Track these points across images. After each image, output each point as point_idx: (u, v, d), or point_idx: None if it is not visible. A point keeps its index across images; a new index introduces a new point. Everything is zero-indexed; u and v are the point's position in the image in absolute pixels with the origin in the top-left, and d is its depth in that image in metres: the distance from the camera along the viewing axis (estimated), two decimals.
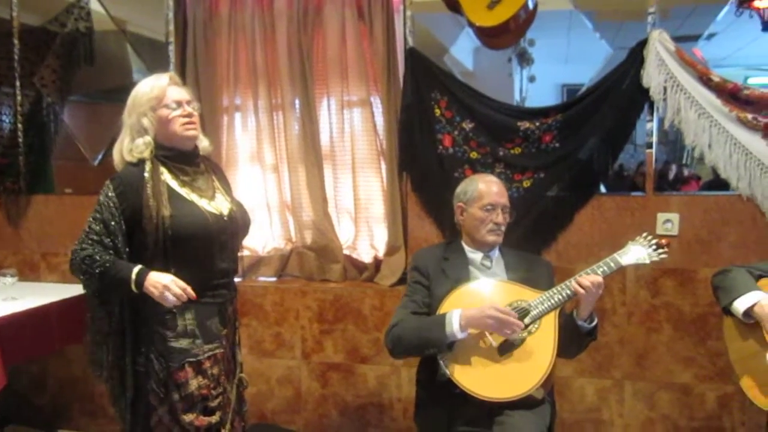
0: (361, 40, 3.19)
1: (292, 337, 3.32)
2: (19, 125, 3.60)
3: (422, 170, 3.09)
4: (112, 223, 2.04)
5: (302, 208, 3.36)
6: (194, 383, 2.11)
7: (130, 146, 2.13)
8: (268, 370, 3.36)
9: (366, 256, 3.37)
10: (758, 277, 2.25)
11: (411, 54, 3.06)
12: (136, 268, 2.01)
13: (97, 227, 2.06)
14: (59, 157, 3.63)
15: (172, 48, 3.38)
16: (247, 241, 2.92)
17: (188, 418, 2.10)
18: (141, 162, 2.12)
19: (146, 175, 2.08)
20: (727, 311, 2.22)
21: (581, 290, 2.13)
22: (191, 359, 2.11)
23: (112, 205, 2.05)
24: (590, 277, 2.14)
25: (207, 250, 2.14)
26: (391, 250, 3.24)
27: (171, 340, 2.09)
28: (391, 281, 3.21)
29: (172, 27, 3.37)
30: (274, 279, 3.44)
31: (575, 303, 2.20)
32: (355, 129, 3.28)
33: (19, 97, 3.58)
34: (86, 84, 3.56)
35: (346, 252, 3.37)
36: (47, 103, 3.56)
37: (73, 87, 3.56)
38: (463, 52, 3.12)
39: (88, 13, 3.47)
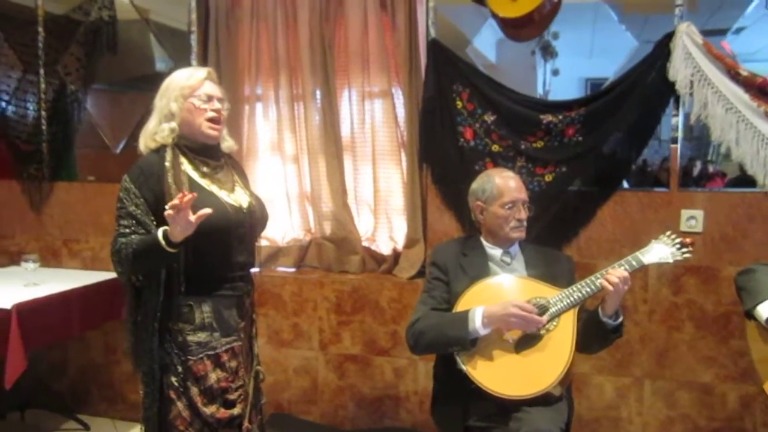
0: (383, 31, 3.17)
1: (309, 328, 3.32)
2: (43, 113, 3.64)
3: (443, 163, 3.07)
4: (138, 212, 2.03)
5: (322, 199, 3.36)
6: (213, 376, 2.10)
7: (156, 129, 2.13)
8: (286, 360, 3.37)
9: (385, 248, 3.36)
10: None
11: (433, 45, 3.03)
12: (161, 229, 1.96)
13: (126, 222, 2.04)
14: (82, 144, 3.67)
15: (194, 37, 3.39)
16: (266, 232, 2.94)
17: (209, 410, 2.09)
18: (162, 149, 2.11)
19: (167, 164, 2.07)
20: (750, 315, 2.17)
21: (609, 286, 2.08)
22: (209, 352, 2.10)
23: (133, 195, 2.04)
24: (617, 272, 2.10)
25: (226, 242, 2.13)
26: (410, 243, 3.23)
27: (189, 333, 2.08)
28: (409, 274, 3.19)
29: (194, 16, 3.38)
30: (292, 269, 3.44)
31: (599, 299, 2.17)
32: (376, 120, 3.27)
33: (43, 85, 3.62)
34: (109, 72, 3.59)
35: (365, 244, 3.36)
36: (71, 91, 3.59)
37: (96, 75, 3.59)
38: (485, 45, 3.09)
39: (112, 2, 3.50)
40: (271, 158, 3.48)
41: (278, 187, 3.46)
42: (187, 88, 2.12)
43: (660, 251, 2.22)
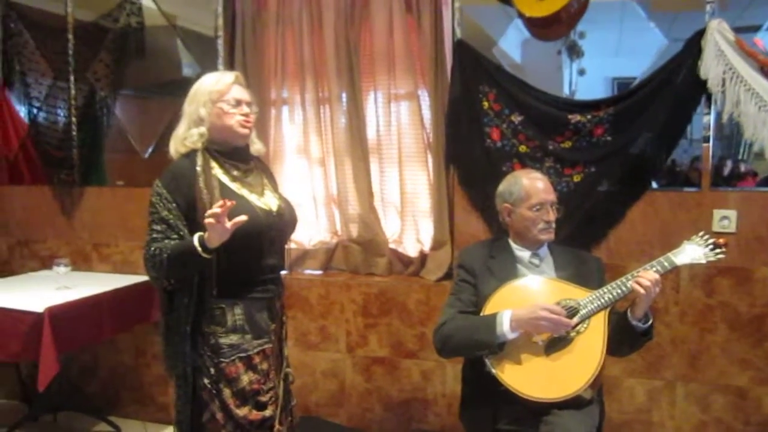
0: (408, 32, 3.17)
1: (336, 331, 3.32)
2: (73, 119, 3.69)
3: (469, 164, 3.05)
4: (171, 217, 2.04)
5: (348, 202, 3.36)
6: (245, 378, 2.11)
7: (185, 135, 2.15)
8: (313, 363, 3.37)
9: (412, 251, 3.35)
10: None
11: (459, 46, 3.02)
12: (197, 235, 1.97)
13: (158, 227, 2.05)
14: (111, 149, 3.70)
15: (220, 42, 3.41)
16: (293, 234, 2.95)
17: (242, 412, 2.10)
18: (192, 154, 2.13)
19: (198, 168, 2.09)
20: None
21: (641, 290, 2.04)
22: (241, 354, 2.11)
23: (165, 200, 2.05)
24: (648, 275, 2.06)
25: (257, 246, 2.14)
26: (437, 245, 3.22)
27: (221, 335, 2.09)
28: (436, 276, 3.18)
29: (221, 21, 3.40)
30: (319, 272, 3.45)
31: (629, 301, 2.13)
32: (402, 122, 3.26)
33: (73, 92, 3.67)
34: (137, 78, 3.63)
35: (391, 246, 3.35)
36: (100, 97, 3.63)
37: (124, 81, 3.62)
38: (511, 45, 3.06)
39: (140, 9, 3.53)
40: (297, 161, 3.49)
41: (304, 189, 3.46)
42: (215, 93, 2.13)
43: (692, 252, 2.17)
